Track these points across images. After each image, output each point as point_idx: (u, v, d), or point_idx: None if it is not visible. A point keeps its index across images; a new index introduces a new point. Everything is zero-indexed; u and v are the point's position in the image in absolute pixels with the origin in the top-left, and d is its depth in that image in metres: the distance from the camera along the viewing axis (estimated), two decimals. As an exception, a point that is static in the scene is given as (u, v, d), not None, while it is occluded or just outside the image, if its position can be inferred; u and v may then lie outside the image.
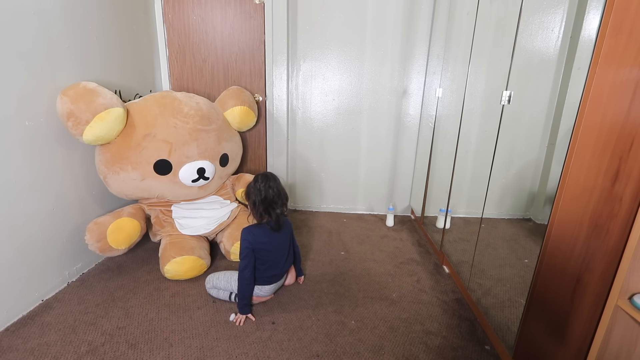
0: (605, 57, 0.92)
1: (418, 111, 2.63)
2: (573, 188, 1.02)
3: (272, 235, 1.52)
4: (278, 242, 1.56)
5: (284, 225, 1.58)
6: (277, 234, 1.53)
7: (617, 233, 1.04)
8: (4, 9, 1.37)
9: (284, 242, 1.61)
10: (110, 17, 1.95)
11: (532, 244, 1.54)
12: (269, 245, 1.53)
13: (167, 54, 2.48)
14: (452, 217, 2.07)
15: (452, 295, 1.76)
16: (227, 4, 2.40)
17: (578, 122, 0.98)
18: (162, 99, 1.88)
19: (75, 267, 1.80)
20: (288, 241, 1.64)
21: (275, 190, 1.49)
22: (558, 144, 1.52)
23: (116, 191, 1.84)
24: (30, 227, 1.54)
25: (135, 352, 1.33)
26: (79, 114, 1.55)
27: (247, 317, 1.53)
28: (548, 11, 1.45)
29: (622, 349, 1.07)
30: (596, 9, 1.26)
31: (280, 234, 1.56)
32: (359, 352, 1.37)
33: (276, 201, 1.50)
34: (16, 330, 1.43)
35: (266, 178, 1.51)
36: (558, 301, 1.14)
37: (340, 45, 2.52)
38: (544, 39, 1.48)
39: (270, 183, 1.49)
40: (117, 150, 1.75)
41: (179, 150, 1.84)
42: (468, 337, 1.47)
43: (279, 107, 2.58)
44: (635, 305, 0.98)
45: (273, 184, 1.50)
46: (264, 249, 1.51)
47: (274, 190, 1.49)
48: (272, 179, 1.52)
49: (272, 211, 1.49)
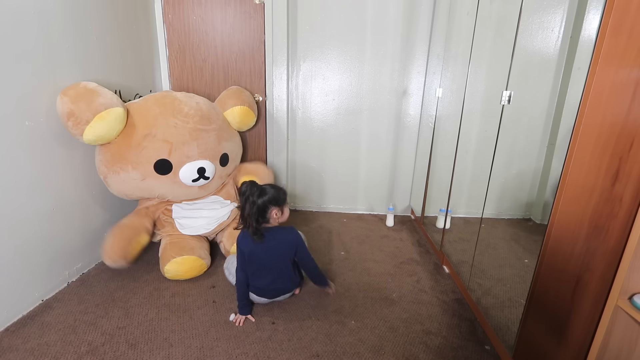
0: (605, 57, 0.92)
1: (418, 111, 2.63)
2: (573, 188, 1.02)
3: (254, 244, 1.46)
4: (264, 254, 1.49)
5: (275, 240, 1.48)
6: (261, 245, 1.46)
7: (617, 233, 1.04)
8: (4, 9, 1.37)
9: (273, 256, 1.51)
10: (110, 17, 1.95)
11: (532, 244, 1.54)
12: (252, 253, 1.48)
13: (167, 54, 2.48)
14: (452, 217, 2.07)
15: (452, 295, 1.76)
16: (227, 4, 2.40)
17: (578, 122, 0.98)
18: (162, 99, 1.88)
19: (75, 267, 1.80)
20: (279, 257, 1.52)
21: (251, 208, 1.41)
22: (558, 144, 1.52)
23: (117, 191, 1.84)
24: (30, 227, 1.54)
25: (135, 352, 1.33)
26: (80, 114, 1.55)
27: (247, 317, 1.52)
28: (548, 11, 1.45)
29: (622, 349, 1.07)
30: (596, 9, 1.26)
31: (266, 247, 1.47)
32: (359, 352, 1.37)
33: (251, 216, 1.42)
34: (16, 330, 1.43)
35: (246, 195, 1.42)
36: (558, 301, 1.14)
37: (340, 45, 2.52)
38: (544, 39, 1.48)
39: (250, 199, 1.41)
40: (118, 150, 1.75)
41: (179, 150, 1.84)
42: (468, 337, 1.47)
43: (279, 107, 2.58)
44: (635, 305, 0.98)
45: (251, 199, 1.41)
46: (248, 254, 1.48)
47: (250, 207, 1.41)
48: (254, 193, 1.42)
49: (250, 221, 1.43)
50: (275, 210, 1.46)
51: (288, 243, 1.53)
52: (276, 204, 1.47)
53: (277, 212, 1.48)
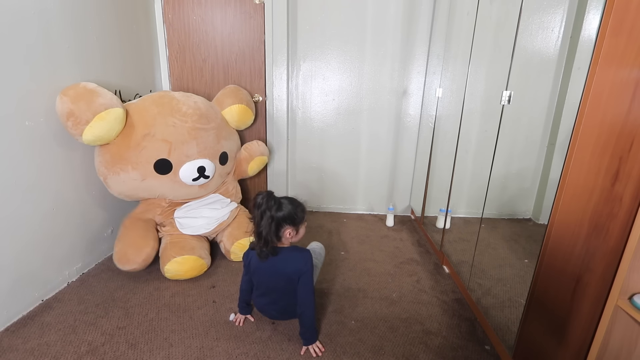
0: (605, 57, 0.92)
1: (418, 111, 2.63)
2: (573, 188, 1.02)
3: (258, 261, 1.36)
4: (266, 274, 1.39)
5: (282, 262, 1.35)
6: (264, 263, 1.35)
7: (617, 233, 1.04)
8: (4, 9, 1.37)
9: (276, 279, 1.38)
10: (110, 17, 1.95)
11: (532, 244, 1.54)
12: (256, 270, 1.41)
13: (167, 54, 2.48)
14: (452, 217, 2.07)
15: (452, 295, 1.76)
16: (227, 4, 2.40)
17: (578, 122, 0.98)
18: (160, 99, 1.88)
19: (75, 267, 1.80)
20: (282, 282, 1.37)
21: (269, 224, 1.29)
22: (558, 144, 1.52)
23: (117, 192, 1.84)
24: (30, 227, 1.54)
25: (135, 352, 1.33)
26: (79, 114, 1.55)
27: (247, 317, 1.52)
28: (548, 11, 1.46)
29: (622, 349, 1.07)
30: (596, 9, 1.26)
31: (270, 267, 1.36)
32: (359, 352, 1.37)
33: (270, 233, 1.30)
34: (16, 330, 1.43)
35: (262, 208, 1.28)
36: (558, 301, 1.14)
37: (340, 45, 2.52)
38: (544, 39, 1.48)
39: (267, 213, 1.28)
40: (117, 150, 1.75)
41: (179, 149, 1.84)
42: (468, 337, 1.47)
43: (279, 107, 2.58)
44: (635, 305, 0.98)
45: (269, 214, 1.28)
46: (253, 270, 1.42)
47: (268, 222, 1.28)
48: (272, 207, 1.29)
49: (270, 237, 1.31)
50: (289, 229, 1.32)
51: (293, 269, 1.34)
52: (292, 223, 1.33)
53: (292, 232, 1.34)
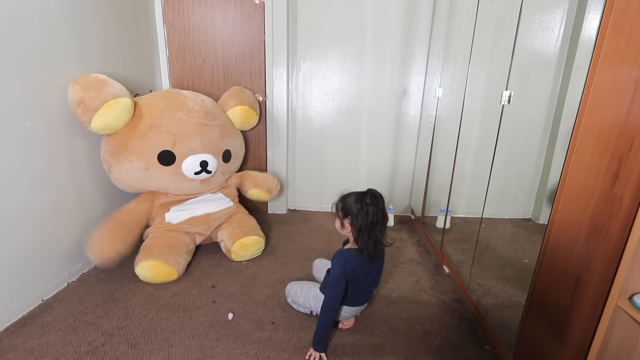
0: (605, 57, 0.92)
1: (418, 111, 2.63)
2: (573, 188, 1.02)
3: (369, 264, 1.34)
4: (373, 270, 1.39)
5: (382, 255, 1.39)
6: (373, 262, 1.35)
7: (617, 233, 1.04)
8: (4, 9, 1.37)
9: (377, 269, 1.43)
10: (110, 17, 1.95)
11: (532, 244, 1.54)
12: (364, 275, 1.36)
13: (167, 54, 2.48)
14: (452, 217, 2.07)
15: (452, 295, 1.76)
16: (227, 4, 2.40)
17: (578, 122, 0.98)
18: (168, 95, 1.95)
19: (75, 267, 1.80)
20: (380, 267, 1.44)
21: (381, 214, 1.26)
22: (558, 144, 1.52)
23: (119, 181, 1.86)
24: (30, 227, 1.53)
25: (135, 352, 1.33)
26: (89, 102, 1.59)
27: (321, 356, 1.31)
28: (548, 11, 1.45)
29: (622, 349, 1.07)
30: (596, 9, 1.26)
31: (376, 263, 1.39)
32: (359, 352, 1.37)
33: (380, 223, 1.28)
34: (16, 330, 1.43)
35: (375, 199, 1.26)
36: (558, 301, 1.14)
37: (340, 45, 2.52)
38: (544, 39, 1.48)
39: (379, 205, 1.26)
40: (123, 139, 1.78)
41: (183, 142, 1.87)
42: (468, 337, 1.47)
43: (279, 107, 2.58)
44: (635, 305, 0.98)
45: (382, 206, 1.27)
46: (357, 279, 1.34)
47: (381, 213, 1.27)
48: (382, 200, 1.28)
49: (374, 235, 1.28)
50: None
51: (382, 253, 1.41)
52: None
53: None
